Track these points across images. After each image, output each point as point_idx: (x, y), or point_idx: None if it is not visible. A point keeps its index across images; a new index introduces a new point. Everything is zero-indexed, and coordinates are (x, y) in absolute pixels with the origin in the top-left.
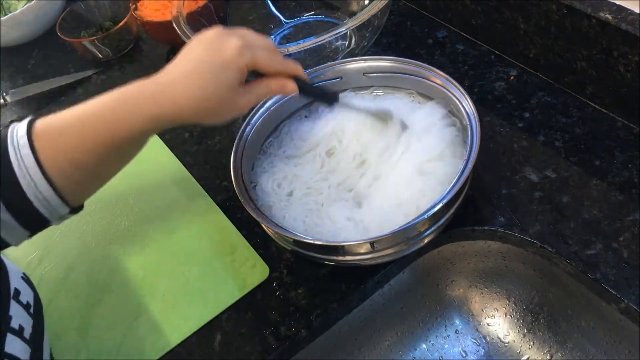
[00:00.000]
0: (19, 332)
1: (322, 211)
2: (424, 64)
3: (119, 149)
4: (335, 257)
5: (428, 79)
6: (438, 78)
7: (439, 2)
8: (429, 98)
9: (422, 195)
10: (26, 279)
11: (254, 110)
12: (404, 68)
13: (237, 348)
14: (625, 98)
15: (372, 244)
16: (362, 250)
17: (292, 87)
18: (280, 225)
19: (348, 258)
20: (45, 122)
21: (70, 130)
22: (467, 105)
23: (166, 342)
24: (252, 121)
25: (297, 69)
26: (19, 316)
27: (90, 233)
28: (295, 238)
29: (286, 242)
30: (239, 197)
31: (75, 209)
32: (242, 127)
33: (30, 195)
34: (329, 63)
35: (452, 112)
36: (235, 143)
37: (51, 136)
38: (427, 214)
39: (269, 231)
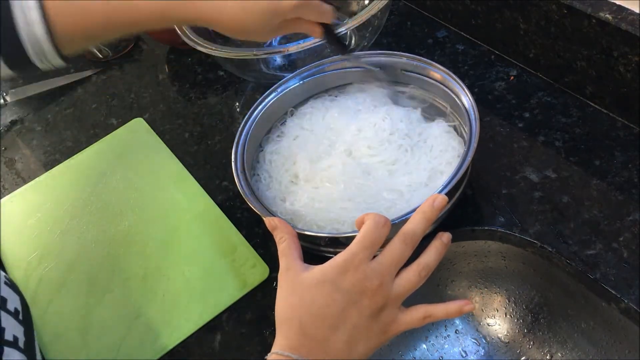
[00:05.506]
0: (14, 344)
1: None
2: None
3: (140, 29)
4: (331, 249)
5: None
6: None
7: (439, 2)
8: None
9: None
10: (10, 284)
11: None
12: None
13: (237, 348)
14: (625, 98)
15: None
16: None
17: (319, 32)
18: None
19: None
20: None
21: (93, 8)
22: (466, 100)
23: (166, 342)
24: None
25: (329, 17)
26: (10, 326)
27: (90, 233)
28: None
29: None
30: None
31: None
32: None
33: (25, 38)
34: (369, 52)
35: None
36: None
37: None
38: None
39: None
